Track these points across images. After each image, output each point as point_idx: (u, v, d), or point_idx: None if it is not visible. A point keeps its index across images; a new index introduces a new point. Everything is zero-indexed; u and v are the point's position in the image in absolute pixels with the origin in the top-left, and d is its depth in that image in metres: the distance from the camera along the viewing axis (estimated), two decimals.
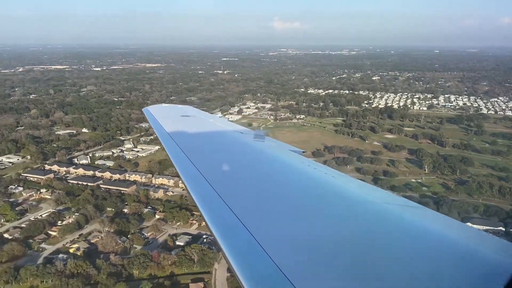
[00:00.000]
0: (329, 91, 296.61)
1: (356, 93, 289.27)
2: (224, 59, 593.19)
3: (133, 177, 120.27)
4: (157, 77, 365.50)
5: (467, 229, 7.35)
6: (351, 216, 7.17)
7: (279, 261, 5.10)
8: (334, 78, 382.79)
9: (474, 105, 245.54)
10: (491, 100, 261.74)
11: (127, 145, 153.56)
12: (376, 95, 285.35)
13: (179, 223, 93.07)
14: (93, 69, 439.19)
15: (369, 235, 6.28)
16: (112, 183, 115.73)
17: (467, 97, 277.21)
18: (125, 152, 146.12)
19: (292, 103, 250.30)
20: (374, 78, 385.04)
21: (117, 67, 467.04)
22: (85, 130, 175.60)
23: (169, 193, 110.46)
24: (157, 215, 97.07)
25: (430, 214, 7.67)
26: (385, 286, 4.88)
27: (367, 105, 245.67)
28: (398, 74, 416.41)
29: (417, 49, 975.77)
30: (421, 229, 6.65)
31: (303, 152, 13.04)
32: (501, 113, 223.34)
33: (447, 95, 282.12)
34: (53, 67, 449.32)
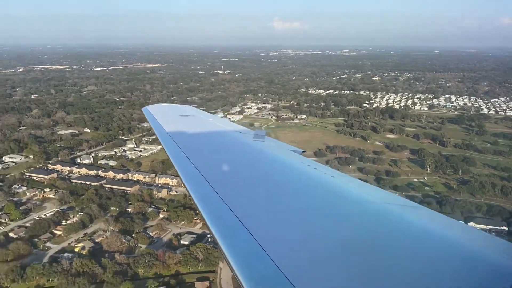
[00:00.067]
0: (330, 91, 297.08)
1: (357, 93, 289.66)
2: (224, 59, 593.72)
3: (136, 176, 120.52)
4: (158, 77, 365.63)
5: (467, 229, 7.39)
6: (351, 216, 7.18)
7: (279, 261, 5.09)
8: (334, 78, 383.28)
9: (475, 105, 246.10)
10: (491, 100, 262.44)
11: (130, 145, 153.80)
12: (377, 95, 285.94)
13: (183, 223, 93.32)
14: (94, 69, 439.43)
15: (369, 235, 6.30)
16: (115, 183, 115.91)
17: (467, 97, 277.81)
18: (128, 152, 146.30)
19: (293, 103, 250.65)
20: (374, 78, 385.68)
21: (117, 67, 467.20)
22: (87, 130, 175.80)
23: (173, 192, 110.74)
24: (161, 215, 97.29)
25: (429, 214, 7.71)
26: (384, 286, 4.88)
27: (368, 105, 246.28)
28: (398, 74, 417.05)
29: (417, 49, 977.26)
30: (421, 229, 6.68)
31: (303, 152, 13.09)
32: (502, 113, 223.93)
33: (447, 95, 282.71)
34: (54, 67, 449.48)
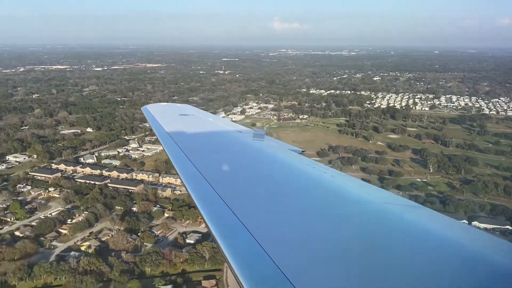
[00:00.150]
0: (331, 92, 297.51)
1: (357, 93, 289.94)
2: (224, 59, 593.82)
3: (140, 176, 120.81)
4: (159, 77, 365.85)
5: (467, 229, 7.44)
6: (351, 215, 7.17)
7: (279, 261, 5.09)
8: (335, 78, 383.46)
9: (475, 106, 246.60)
10: (492, 100, 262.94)
11: (133, 145, 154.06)
12: (377, 96, 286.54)
13: (188, 222, 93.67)
14: (94, 69, 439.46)
15: (369, 235, 6.29)
16: (119, 182, 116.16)
17: (468, 97, 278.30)
18: (131, 151, 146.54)
19: (294, 103, 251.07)
20: (375, 78, 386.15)
21: (117, 67, 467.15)
22: (89, 129, 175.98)
23: (177, 192, 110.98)
24: (166, 214, 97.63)
25: (429, 213, 7.69)
26: (384, 286, 4.86)
27: (369, 105, 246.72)
28: (398, 74, 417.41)
29: (416, 49, 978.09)
30: (421, 229, 6.68)
31: (302, 151, 13.12)
32: (502, 113, 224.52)
33: (448, 96, 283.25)
34: (54, 67, 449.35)
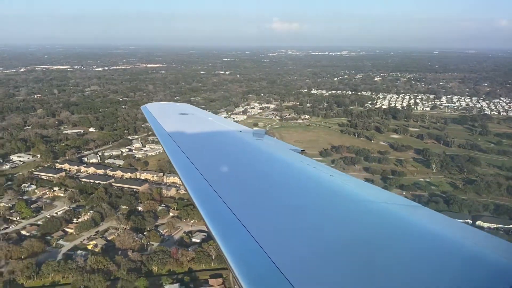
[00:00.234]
0: (332, 92, 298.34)
1: (359, 93, 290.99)
2: (224, 60, 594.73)
3: (145, 175, 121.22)
4: (160, 77, 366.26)
5: (467, 228, 7.52)
6: (349, 214, 7.17)
7: (277, 260, 5.11)
8: (336, 79, 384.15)
9: (477, 106, 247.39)
10: (493, 101, 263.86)
11: (136, 144, 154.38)
12: (379, 96, 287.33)
13: (193, 221, 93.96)
14: (95, 69, 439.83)
15: (367, 234, 6.28)
16: (124, 182, 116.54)
17: (469, 98, 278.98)
18: (134, 151, 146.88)
19: (296, 103, 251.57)
20: (375, 79, 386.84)
21: (118, 67, 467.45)
22: (92, 129, 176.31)
23: (181, 191, 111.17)
24: (171, 213, 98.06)
25: (429, 213, 7.70)
26: (384, 285, 4.84)
27: (371, 106, 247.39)
28: (399, 75, 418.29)
29: (416, 50, 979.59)
30: (421, 228, 6.68)
31: (302, 151, 13.20)
32: (504, 113, 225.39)
33: (449, 96, 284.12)
34: (55, 67, 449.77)
